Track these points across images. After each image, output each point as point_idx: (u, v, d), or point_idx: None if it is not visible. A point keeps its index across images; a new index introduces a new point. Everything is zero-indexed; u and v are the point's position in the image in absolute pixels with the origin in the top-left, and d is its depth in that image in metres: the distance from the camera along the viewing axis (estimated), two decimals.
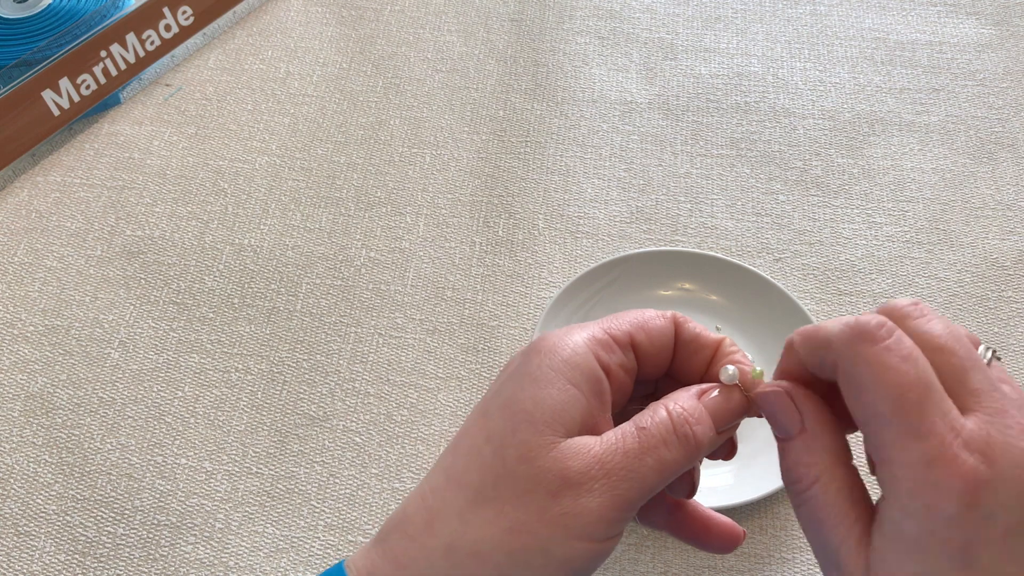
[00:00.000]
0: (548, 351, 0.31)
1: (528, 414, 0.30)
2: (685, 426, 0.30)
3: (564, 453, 0.29)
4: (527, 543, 0.29)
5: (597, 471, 0.29)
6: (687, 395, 0.32)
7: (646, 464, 0.29)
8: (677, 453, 0.30)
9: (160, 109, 0.69)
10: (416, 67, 0.71)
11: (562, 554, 0.29)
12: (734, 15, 0.75)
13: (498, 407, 0.31)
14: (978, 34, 0.73)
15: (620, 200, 0.63)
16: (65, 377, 0.55)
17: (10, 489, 0.51)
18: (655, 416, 0.31)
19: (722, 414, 0.31)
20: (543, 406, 0.30)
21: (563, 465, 0.29)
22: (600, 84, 0.70)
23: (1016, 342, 0.56)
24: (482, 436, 0.31)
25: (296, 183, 0.64)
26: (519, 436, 0.30)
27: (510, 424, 0.30)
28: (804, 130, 0.67)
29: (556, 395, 0.30)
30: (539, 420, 0.30)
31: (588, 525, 0.29)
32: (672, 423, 0.30)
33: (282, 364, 0.55)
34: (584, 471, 0.29)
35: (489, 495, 0.30)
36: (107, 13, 0.67)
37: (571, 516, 0.29)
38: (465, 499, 0.30)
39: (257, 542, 0.49)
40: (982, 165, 0.65)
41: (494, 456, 0.30)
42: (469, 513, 0.30)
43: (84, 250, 0.61)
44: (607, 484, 0.29)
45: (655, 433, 0.30)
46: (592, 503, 0.29)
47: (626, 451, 0.30)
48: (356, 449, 0.52)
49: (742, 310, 0.56)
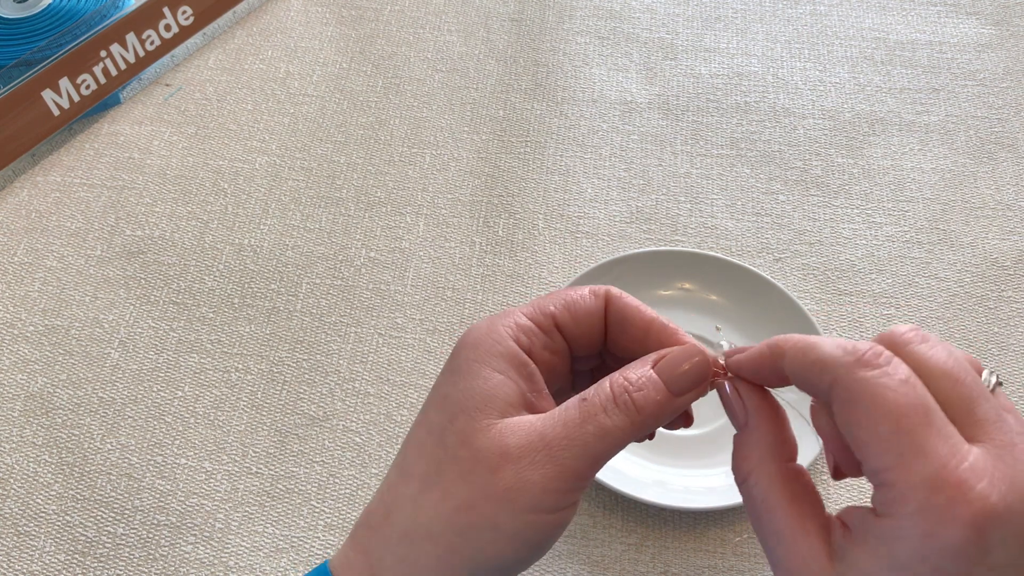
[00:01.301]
0: (471, 344, 0.33)
1: (460, 404, 0.32)
2: (625, 394, 0.31)
3: (502, 431, 0.31)
4: (474, 520, 0.30)
5: (537, 443, 0.30)
6: (636, 365, 0.32)
7: (587, 431, 0.30)
8: (618, 419, 0.31)
9: (160, 109, 0.69)
10: (416, 67, 0.71)
11: (511, 528, 0.30)
12: (734, 15, 0.75)
13: (434, 404, 0.33)
14: (978, 34, 0.73)
15: (620, 200, 0.63)
16: (65, 377, 0.55)
17: (10, 489, 0.51)
18: (598, 387, 0.31)
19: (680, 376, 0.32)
20: (473, 394, 0.32)
21: (501, 442, 0.30)
22: (600, 84, 0.70)
23: (1016, 342, 0.56)
24: (424, 430, 0.33)
25: (296, 183, 0.64)
26: (456, 424, 0.31)
27: (447, 415, 0.32)
28: (804, 130, 0.67)
29: (483, 383, 0.32)
30: (472, 407, 0.31)
31: (534, 498, 0.30)
32: (612, 392, 0.31)
33: (282, 364, 0.55)
34: (524, 445, 0.30)
35: (435, 480, 0.31)
36: (107, 13, 0.67)
37: (515, 490, 0.30)
38: (415, 488, 0.32)
39: (257, 542, 0.49)
40: (982, 165, 0.65)
41: (436, 445, 0.32)
42: (420, 498, 0.31)
43: (84, 250, 0.61)
44: (548, 455, 0.30)
45: (595, 402, 0.31)
46: (534, 475, 0.30)
47: (566, 421, 0.31)
48: (356, 449, 0.52)
49: (742, 310, 0.56)
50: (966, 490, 0.24)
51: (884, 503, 0.26)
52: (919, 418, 0.26)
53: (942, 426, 0.26)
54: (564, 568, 0.48)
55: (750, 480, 0.30)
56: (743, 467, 0.30)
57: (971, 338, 0.56)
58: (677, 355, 0.32)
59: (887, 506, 0.26)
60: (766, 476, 0.30)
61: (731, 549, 0.49)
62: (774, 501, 0.29)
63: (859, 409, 0.26)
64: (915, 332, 0.28)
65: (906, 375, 0.26)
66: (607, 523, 0.50)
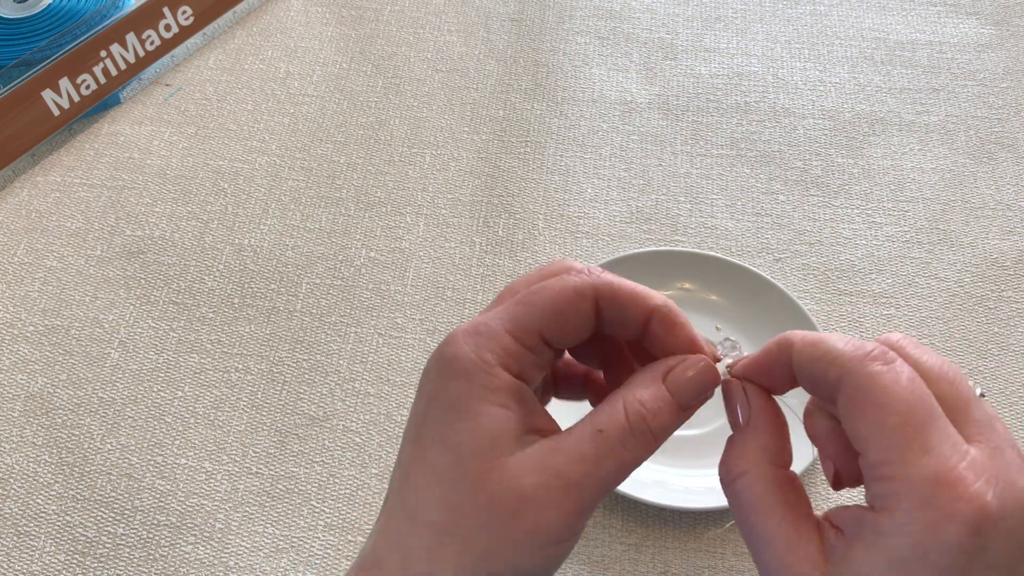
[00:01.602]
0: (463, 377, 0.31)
1: (468, 447, 0.30)
2: (642, 424, 0.30)
3: (516, 474, 0.30)
4: (497, 564, 0.30)
5: (555, 482, 0.29)
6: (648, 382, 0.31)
7: (605, 467, 0.30)
8: (636, 451, 0.30)
9: (160, 109, 0.69)
10: (416, 67, 0.71)
11: (531, 564, 0.30)
12: (734, 15, 0.75)
13: (433, 441, 0.31)
14: (978, 34, 0.73)
15: (620, 200, 0.63)
16: (65, 377, 0.55)
17: (10, 489, 0.51)
18: (612, 416, 0.30)
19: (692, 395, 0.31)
20: (479, 436, 0.30)
21: (518, 484, 0.29)
22: (600, 84, 0.70)
23: (1016, 342, 0.56)
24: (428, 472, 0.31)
25: (296, 183, 0.64)
26: (466, 468, 0.30)
27: (453, 458, 0.30)
28: (804, 130, 0.67)
29: (488, 423, 0.30)
30: (480, 450, 0.30)
31: (552, 535, 0.29)
32: (629, 424, 0.30)
33: (282, 364, 0.55)
34: (540, 485, 0.29)
35: (453, 530, 0.30)
36: (107, 13, 0.67)
37: (536, 532, 0.29)
38: (431, 538, 0.30)
39: (257, 542, 0.49)
40: (982, 165, 0.65)
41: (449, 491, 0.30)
42: (438, 550, 0.30)
43: (84, 250, 0.61)
44: (566, 494, 0.29)
45: (612, 436, 0.30)
46: (553, 515, 0.29)
47: (583, 458, 0.30)
48: (356, 449, 0.52)
49: (742, 310, 0.56)
50: (966, 487, 0.25)
51: (883, 497, 0.26)
52: (925, 414, 0.26)
53: (944, 424, 0.26)
54: (564, 568, 0.48)
55: (743, 479, 0.29)
56: (737, 465, 0.30)
57: (971, 338, 0.56)
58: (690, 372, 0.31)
59: (887, 500, 0.26)
60: (762, 476, 0.29)
61: (731, 549, 0.49)
62: (770, 502, 0.29)
63: (867, 402, 0.27)
64: (909, 339, 0.29)
65: (912, 373, 0.27)
66: (607, 523, 0.50)
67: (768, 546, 0.28)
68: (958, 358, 0.56)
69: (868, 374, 0.27)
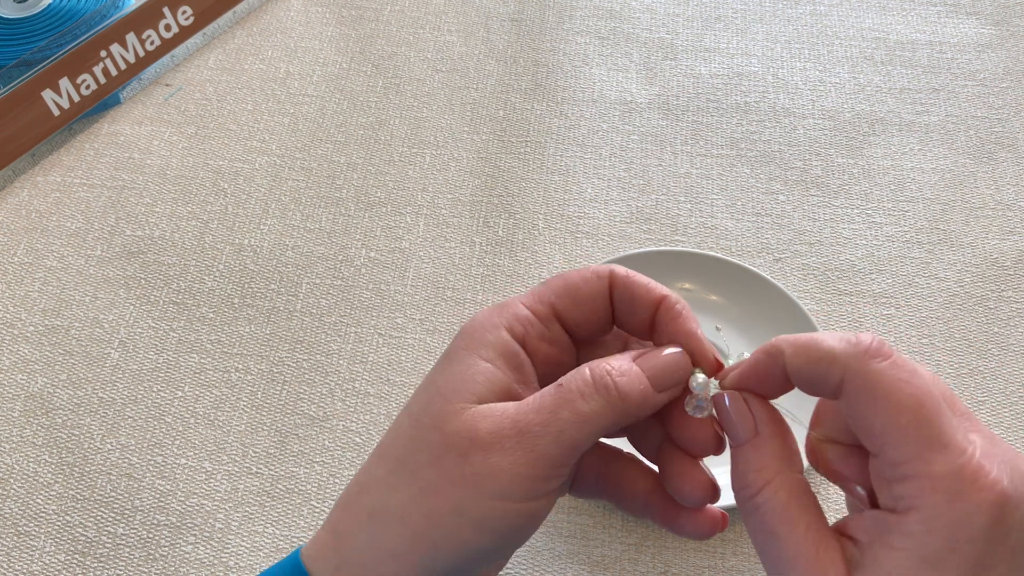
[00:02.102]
0: (466, 333, 0.33)
1: (439, 387, 0.31)
2: (605, 378, 0.30)
3: (474, 416, 0.30)
4: (439, 503, 0.30)
5: (509, 429, 0.29)
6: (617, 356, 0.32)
7: (562, 417, 0.29)
8: (595, 404, 0.30)
9: (160, 109, 0.69)
10: (416, 67, 0.71)
11: (476, 514, 0.29)
12: (734, 15, 0.75)
13: (420, 389, 0.33)
14: (978, 34, 0.73)
15: (620, 200, 0.63)
16: (65, 377, 0.55)
17: (10, 489, 0.51)
18: (576, 372, 0.31)
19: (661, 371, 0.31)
20: (453, 379, 0.31)
21: (472, 426, 0.30)
22: (600, 84, 0.70)
23: (1016, 342, 0.56)
24: (405, 414, 0.33)
25: (296, 183, 0.64)
26: (432, 407, 0.31)
27: (425, 398, 0.32)
28: (804, 130, 0.67)
29: (466, 369, 0.31)
30: (448, 391, 0.31)
31: (502, 484, 0.29)
32: (592, 377, 0.30)
33: (282, 364, 0.55)
34: (495, 431, 0.30)
35: (406, 462, 0.31)
36: (107, 13, 0.67)
37: (482, 476, 0.29)
38: (387, 468, 0.32)
39: (257, 542, 0.49)
40: (982, 165, 0.65)
41: (411, 428, 0.32)
42: (391, 478, 0.31)
43: (84, 250, 0.61)
44: (520, 441, 0.29)
45: (572, 388, 0.30)
46: (504, 462, 0.29)
47: (540, 407, 0.30)
48: (356, 449, 0.52)
49: (742, 310, 0.56)
50: (986, 476, 0.25)
51: (907, 497, 0.26)
52: (933, 407, 0.26)
53: (950, 415, 0.26)
54: (564, 568, 0.48)
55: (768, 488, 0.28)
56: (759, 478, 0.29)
57: (971, 338, 0.56)
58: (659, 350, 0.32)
59: (911, 499, 0.25)
60: (785, 484, 0.28)
61: (731, 549, 0.49)
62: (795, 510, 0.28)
63: (876, 402, 0.26)
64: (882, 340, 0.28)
65: (913, 367, 0.27)
66: (607, 523, 0.50)
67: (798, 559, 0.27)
68: (958, 358, 0.56)
69: (872, 372, 0.27)
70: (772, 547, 0.28)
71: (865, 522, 0.27)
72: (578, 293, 0.33)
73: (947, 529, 0.25)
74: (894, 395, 0.26)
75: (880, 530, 0.26)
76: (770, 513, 0.28)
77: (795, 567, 0.27)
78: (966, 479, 0.25)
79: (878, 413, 0.26)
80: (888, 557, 0.26)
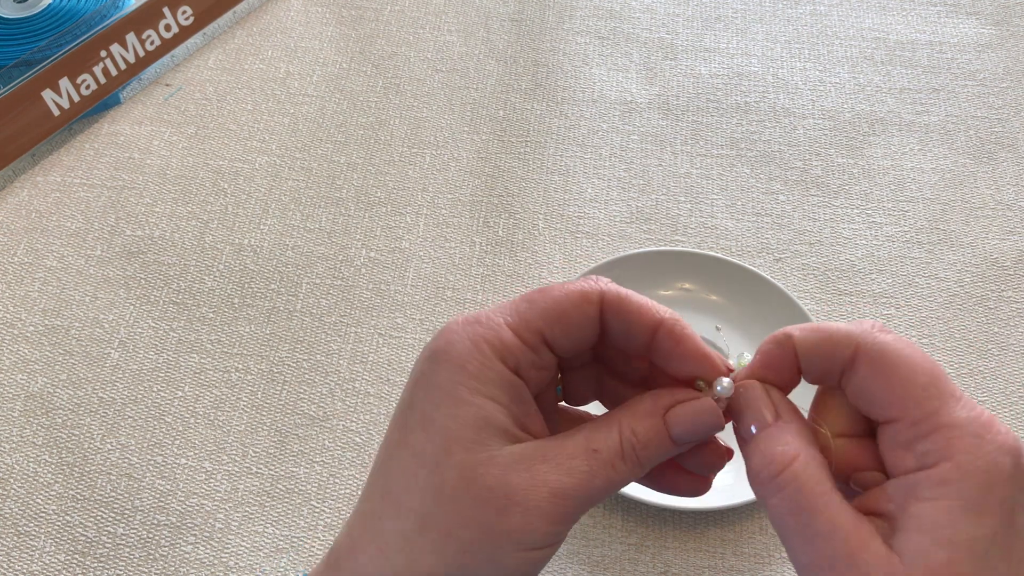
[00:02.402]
0: (456, 363, 0.30)
1: (455, 434, 0.29)
2: (632, 452, 0.30)
3: (504, 469, 0.29)
4: (478, 559, 0.29)
5: (543, 490, 0.29)
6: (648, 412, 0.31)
7: (595, 484, 0.30)
8: (624, 473, 0.30)
9: (160, 109, 0.69)
10: (416, 67, 0.71)
11: (512, 565, 0.29)
12: (734, 15, 0.75)
13: (418, 424, 0.30)
14: (978, 34, 0.73)
15: (620, 200, 0.63)
16: (65, 377, 0.55)
17: (10, 489, 0.51)
18: (608, 441, 0.30)
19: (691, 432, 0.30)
20: (466, 424, 0.29)
21: (506, 482, 0.29)
22: (600, 84, 0.70)
23: (1016, 342, 0.56)
24: (409, 455, 0.30)
25: (296, 183, 0.64)
26: (454, 458, 0.29)
27: (439, 444, 0.30)
28: (804, 130, 0.67)
29: (476, 411, 0.30)
30: (469, 440, 0.29)
31: (536, 538, 0.29)
32: (622, 448, 0.30)
33: (282, 364, 0.55)
34: (528, 488, 0.29)
35: (433, 521, 0.29)
36: (107, 13, 0.67)
37: (519, 533, 0.29)
38: (411, 525, 0.30)
39: (257, 542, 0.49)
40: (982, 165, 0.65)
41: (431, 478, 0.30)
42: (417, 538, 0.29)
43: (84, 250, 0.61)
44: (553, 503, 0.29)
45: (605, 459, 0.30)
46: (540, 519, 0.29)
47: (573, 472, 0.29)
48: (356, 449, 0.52)
49: (742, 310, 0.56)
50: (998, 422, 0.26)
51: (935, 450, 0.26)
52: (942, 369, 0.28)
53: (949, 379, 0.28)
54: (564, 568, 0.48)
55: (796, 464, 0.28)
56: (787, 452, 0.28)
57: (971, 338, 0.56)
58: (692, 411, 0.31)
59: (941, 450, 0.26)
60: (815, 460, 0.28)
61: (731, 549, 0.49)
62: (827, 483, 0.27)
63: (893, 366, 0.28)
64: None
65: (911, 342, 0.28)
66: (607, 523, 0.50)
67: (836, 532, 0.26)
68: (958, 358, 0.56)
69: (884, 342, 0.28)
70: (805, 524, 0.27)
71: (890, 491, 0.27)
72: (568, 319, 0.31)
73: (982, 471, 0.25)
74: (910, 358, 0.27)
75: (911, 492, 0.27)
76: (802, 488, 0.27)
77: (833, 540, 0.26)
78: (987, 426, 0.26)
79: (898, 376, 0.27)
80: (928, 511, 0.26)
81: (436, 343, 0.31)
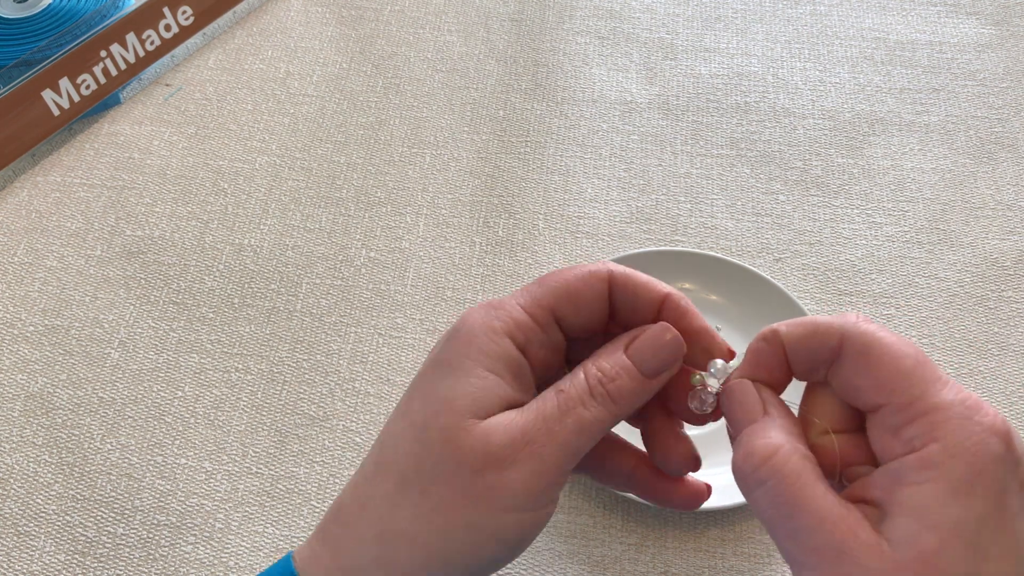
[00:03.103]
0: (465, 338, 0.32)
1: (448, 401, 0.31)
2: (599, 386, 0.30)
3: (486, 431, 0.30)
4: (453, 520, 0.30)
5: (519, 441, 0.30)
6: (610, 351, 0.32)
7: (567, 426, 0.30)
8: (596, 411, 0.30)
9: (160, 109, 0.69)
10: (416, 67, 0.71)
11: (492, 528, 0.30)
12: (734, 15, 0.75)
13: (419, 395, 0.32)
14: (978, 34, 0.73)
15: (620, 200, 0.63)
16: (65, 377, 0.55)
17: (10, 489, 0.51)
18: (573, 378, 0.31)
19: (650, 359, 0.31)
20: (462, 393, 0.31)
21: (486, 441, 0.30)
22: (600, 84, 0.70)
23: (1016, 342, 0.56)
24: (406, 423, 0.32)
25: (296, 183, 0.64)
26: (441, 420, 0.30)
27: (431, 410, 0.31)
28: (804, 130, 0.67)
29: (475, 383, 0.31)
30: (459, 407, 0.30)
31: (515, 497, 0.29)
32: (588, 384, 0.31)
33: (282, 364, 0.55)
34: (508, 443, 0.30)
35: (414, 478, 0.30)
36: (107, 13, 0.67)
37: (496, 490, 0.29)
38: (393, 484, 0.31)
39: (257, 542, 0.49)
40: (982, 165, 0.65)
41: (417, 441, 0.31)
42: (397, 496, 0.30)
43: (84, 250, 0.61)
44: (530, 452, 0.29)
45: (572, 395, 0.30)
46: (516, 475, 0.29)
47: (545, 416, 0.30)
48: (356, 449, 0.52)
49: (742, 310, 0.56)
50: (986, 405, 0.26)
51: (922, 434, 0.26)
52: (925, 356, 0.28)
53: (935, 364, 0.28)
54: (564, 568, 0.48)
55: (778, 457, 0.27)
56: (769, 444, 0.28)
57: (971, 338, 0.56)
58: (649, 337, 0.31)
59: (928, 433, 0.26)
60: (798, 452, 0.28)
61: (731, 549, 0.49)
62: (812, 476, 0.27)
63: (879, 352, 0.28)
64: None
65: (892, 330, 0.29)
66: (607, 523, 0.50)
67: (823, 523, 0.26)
68: (958, 358, 0.56)
69: (868, 331, 0.29)
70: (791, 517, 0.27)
71: (877, 478, 0.27)
72: (578, 297, 0.32)
73: (970, 453, 0.25)
74: (895, 345, 0.28)
75: (898, 477, 0.26)
76: (785, 480, 0.27)
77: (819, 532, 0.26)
78: (974, 408, 0.26)
79: (883, 362, 0.28)
80: (916, 494, 0.26)
81: (456, 324, 0.33)
